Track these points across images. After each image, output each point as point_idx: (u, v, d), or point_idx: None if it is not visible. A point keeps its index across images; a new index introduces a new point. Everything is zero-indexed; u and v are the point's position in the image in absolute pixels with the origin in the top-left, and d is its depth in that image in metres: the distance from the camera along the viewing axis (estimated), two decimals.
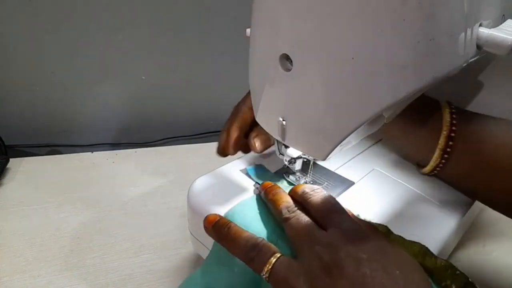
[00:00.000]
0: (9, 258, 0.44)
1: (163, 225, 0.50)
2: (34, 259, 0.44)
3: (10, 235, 0.47)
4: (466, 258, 0.47)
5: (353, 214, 0.32)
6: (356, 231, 0.27)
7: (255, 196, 0.36)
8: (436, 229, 0.37)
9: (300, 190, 0.32)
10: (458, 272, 0.29)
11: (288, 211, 0.30)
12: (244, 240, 0.29)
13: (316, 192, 0.32)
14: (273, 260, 0.27)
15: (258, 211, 0.34)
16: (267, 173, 0.41)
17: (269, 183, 0.35)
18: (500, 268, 0.47)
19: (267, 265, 0.26)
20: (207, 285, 0.32)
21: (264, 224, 0.32)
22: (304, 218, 0.29)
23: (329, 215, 0.29)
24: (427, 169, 0.39)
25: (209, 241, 0.35)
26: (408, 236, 0.32)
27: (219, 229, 0.31)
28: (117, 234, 0.49)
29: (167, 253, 0.46)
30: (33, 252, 0.45)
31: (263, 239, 0.29)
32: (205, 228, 0.32)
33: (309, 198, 0.31)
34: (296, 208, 0.30)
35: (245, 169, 0.42)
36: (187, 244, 0.45)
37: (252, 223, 0.32)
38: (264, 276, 0.26)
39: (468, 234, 0.48)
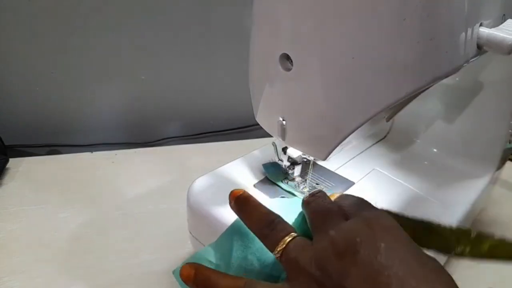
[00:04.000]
0: (8, 258, 0.44)
1: (163, 225, 0.50)
2: (33, 260, 0.44)
3: (10, 235, 0.47)
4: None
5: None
6: (378, 219, 0.24)
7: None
8: None
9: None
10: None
11: (312, 195, 0.29)
12: (261, 214, 0.28)
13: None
14: (287, 239, 0.25)
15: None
16: (280, 171, 0.41)
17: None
18: (501, 268, 0.47)
19: (281, 244, 0.25)
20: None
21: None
22: (326, 201, 0.28)
23: (357, 206, 0.27)
24: None
25: (209, 241, 0.34)
26: None
27: (240, 201, 0.29)
28: (116, 234, 0.49)
29: (167, 253, 0.46)
30: (33, 252, 0.45)
31: (280, 217, 0.28)
32: (230, 202, 0.30)
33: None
34: (322, 194, 0.29)
35: (262, 165, 0.42)
36: (187, 244, 0.45)
37: None
38: (276, 255, 0.26)
39: None
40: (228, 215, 0.34)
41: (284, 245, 0.25)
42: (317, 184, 0.41)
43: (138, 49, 0.67)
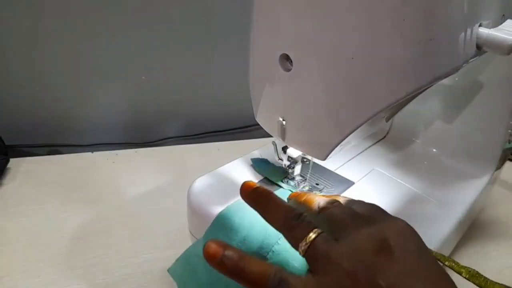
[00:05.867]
0: (9, 258, 0.44)
1: (163, 225, 0.50)
2: (34, 259, 0.44)
3: (10, 235, 0.47)
4: (466, 258, 0.47)
5: None
6: (403, 225, 0.26)
7: None
8: (436, 229, 0.37)
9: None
10: None
11: (330, 203, 0.29)
12: (286, 209, 0.28)
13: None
14: (314, 234, 0.25)
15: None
16: (270, 166, 0.41)
17: (296, 192, 0.34)
18: (500, 268, 0.47)
19: (309, 237, 0.25)
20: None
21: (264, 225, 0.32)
22: (348, 207, 0.28)
23: (376, 213, 0.28)
24: None
25: None
26: None
27: (259, 194, 0.29)
28: (117, 234, 0.49)
29: (167, 253, 0.46)
30: (33, 252, 0.45)
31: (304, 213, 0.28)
32: (242, 192, 0.30)
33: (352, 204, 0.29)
34: (337, 201, 0.29)
35: (251, 159, 0.43)
36: (187, 244, 0.45)
37: (252, 221, 0.32)
38: (302, 248, 0.25)
39: (468, 234, 0.49)
40: None
41: (311, 239, 0.25)
42: (317, 184, 0.41)
43: (138, 49, 0.67)
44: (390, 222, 0.26)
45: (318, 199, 0.30)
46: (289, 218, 0.27)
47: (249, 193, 0.30)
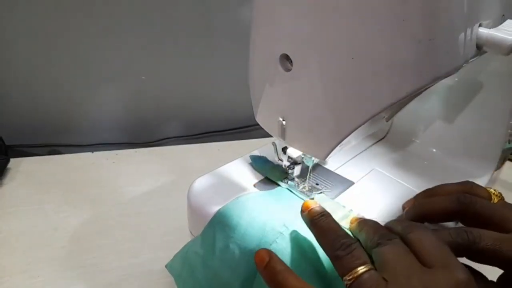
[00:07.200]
0: (9, 258, 0.44)
1: (163, 225, 0.50)
2: (33, 259, 0.44)
3: (10, 235, 0.47)
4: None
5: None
6: (466, 285, 0.23)
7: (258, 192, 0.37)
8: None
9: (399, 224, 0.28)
10: None
11: (384, 237, 0.27)
12: (338, 235, 0.26)
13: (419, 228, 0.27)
14: (363, 269, 0.24)
15: (262, 206, 0.34)
16: (268, 164, 0.42)
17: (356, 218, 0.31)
18: (499, 269, 0.47)
19: (354, 271, 0.24)
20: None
21: (269, 219, 0.33)
22: (403, 246, 0.26)
23: (442, 256, 0.25)
24: None
25: None
26: None
27: (314, 214, 0.29)
28: (117, 234, 0.49)
29: (167, 253, 0.46)
30: (33, 252, 0.45)
31: (359, 242, 0.27)
32: (302, 212, 0.30)
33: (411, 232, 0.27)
34: (395, 236, 0.27)
35: (249, 156, 0.43)
36: None
37: (251, 220, 0.33)
38: (346, 281, 0.24)
39: None
40: None
41: (357, 275, 0.24)
42: (317, 184, 0.41)
43: (138, 49, 0.67)
44: (446, 275, 0.23)
45: (377, 230, 0.28)
46: (337, 247, 0.26)
47: (307, 213, 0.29)
